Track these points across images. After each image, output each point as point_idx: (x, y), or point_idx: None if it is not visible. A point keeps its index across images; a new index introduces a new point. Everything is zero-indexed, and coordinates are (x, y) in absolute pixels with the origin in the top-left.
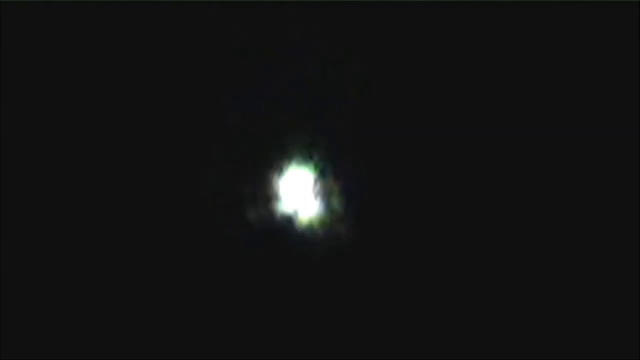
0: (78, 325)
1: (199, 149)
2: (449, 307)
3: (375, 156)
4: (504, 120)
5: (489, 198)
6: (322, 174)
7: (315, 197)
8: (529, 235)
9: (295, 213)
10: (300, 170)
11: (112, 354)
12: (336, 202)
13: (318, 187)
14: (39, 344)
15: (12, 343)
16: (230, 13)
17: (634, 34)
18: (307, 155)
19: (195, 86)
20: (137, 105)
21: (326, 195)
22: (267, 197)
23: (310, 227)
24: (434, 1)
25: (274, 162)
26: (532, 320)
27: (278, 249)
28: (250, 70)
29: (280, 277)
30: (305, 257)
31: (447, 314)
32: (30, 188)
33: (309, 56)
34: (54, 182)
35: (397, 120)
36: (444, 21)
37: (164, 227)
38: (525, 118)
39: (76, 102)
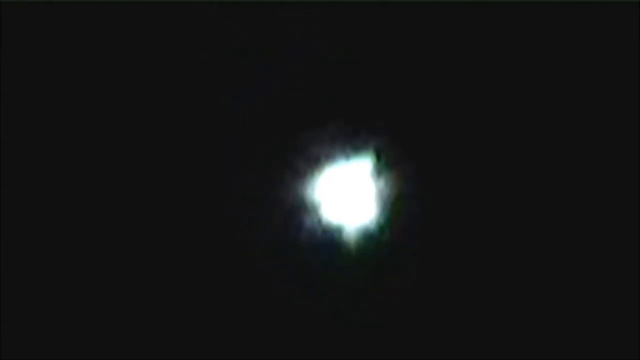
0: (80, 325)
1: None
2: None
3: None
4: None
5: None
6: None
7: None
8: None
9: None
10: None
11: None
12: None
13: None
14: (39, 344)
15: (12, 343)
16: (230, 13)
17: (634, 34)
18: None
19: (195, 87)
20: (137, 105)
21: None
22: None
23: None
24: (434, 1)
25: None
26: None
27: (325, 261)
28: (251, 70)
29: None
30: (355, 269)
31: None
32: (31, 189)
33: (309, 56)
34: (54, 182)
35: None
36: (445, 21)
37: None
38: (526, 119)
39: (76, 103)
